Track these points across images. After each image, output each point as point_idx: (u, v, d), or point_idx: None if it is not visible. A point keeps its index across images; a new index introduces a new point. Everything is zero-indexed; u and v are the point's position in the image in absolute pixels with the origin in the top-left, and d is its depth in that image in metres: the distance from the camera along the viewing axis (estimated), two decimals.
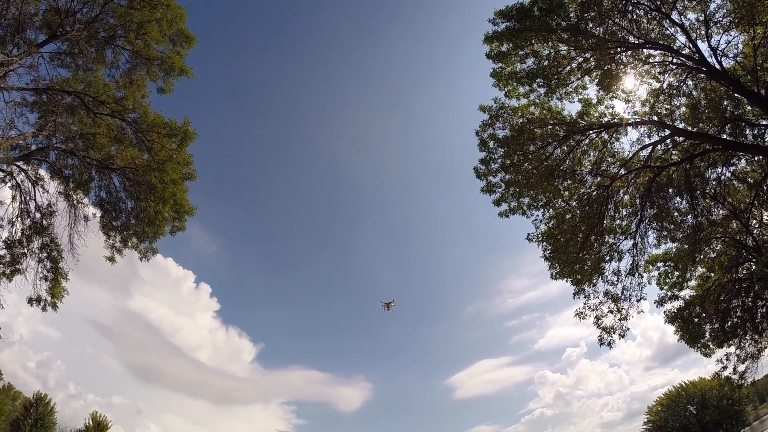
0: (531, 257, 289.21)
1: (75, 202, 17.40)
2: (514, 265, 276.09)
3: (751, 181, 19.92)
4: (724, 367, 23.33)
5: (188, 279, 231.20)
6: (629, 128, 16.57)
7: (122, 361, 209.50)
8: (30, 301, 16.59)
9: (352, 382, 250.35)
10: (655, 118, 16.48)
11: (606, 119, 16.39)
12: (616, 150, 17.09)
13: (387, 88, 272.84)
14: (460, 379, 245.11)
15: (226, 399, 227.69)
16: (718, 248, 21.90)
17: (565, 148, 16.22)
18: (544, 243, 17.46)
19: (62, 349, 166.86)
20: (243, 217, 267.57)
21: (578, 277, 17.31)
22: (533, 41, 14.95)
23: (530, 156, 16.04)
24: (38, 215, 17.19)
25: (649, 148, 16.56)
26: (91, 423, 55.00)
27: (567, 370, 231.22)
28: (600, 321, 17.72)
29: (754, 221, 21.89)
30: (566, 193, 17.07)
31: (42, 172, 17.26)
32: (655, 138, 16.49)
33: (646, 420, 75.03)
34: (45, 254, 17.66)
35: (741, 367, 23.71)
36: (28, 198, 16.93)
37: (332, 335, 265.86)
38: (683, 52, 15.86)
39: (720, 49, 15.28)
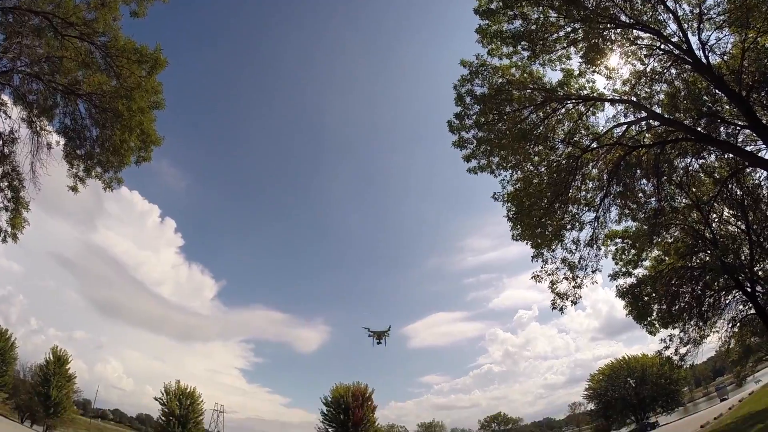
0: (495, 219, 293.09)
1: (38, 129, 16.64)
2: (478, 225, 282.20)
3: (718, 176, 20.57)
4: (667, 347, 24.62)
5: (153, 213, 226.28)
6: (606, 104, 16.74)
7: (85, 296, 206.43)
8: None
9: (312, 324, 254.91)
10: (633, 98, 16.64)
11: (585, 92, 16.45)
12: (591, 123, 17.29)
13: (371, 36, 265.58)
14: (415, 329, 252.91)
15: (186, 335, 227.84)
16: (676, 234, 22.82)
17: (540, 114, 16.27)
18: (509, 204, 17.66)
19: (24, 284, 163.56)
20: (214, 155, 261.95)
21: (538, 241, 17.70)
22: (524, 3, 14.67)
23: (505, 117, 16.03)
24: (0, 142, 16.41)
25: (624, 127, 16.81)
26: (51, 358, 54.77)
27: (517, 331, 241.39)
28: (555, 286, 18.25)
29: (714, 215, 22.81)
30: (536, 158, 17.23)
31: (5, 97, 16.39)
32: (631, 118, 16.71)
33: (587, 386, 79.19)
34: (6, 183, 17.01)
35: (682, 350, 25.10)
36: None
37: (294, 277, 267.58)
38: (672, 39, 15.90)
39: (709, 44, 15.40)
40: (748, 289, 22.43)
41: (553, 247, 18.02)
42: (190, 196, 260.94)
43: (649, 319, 22.65)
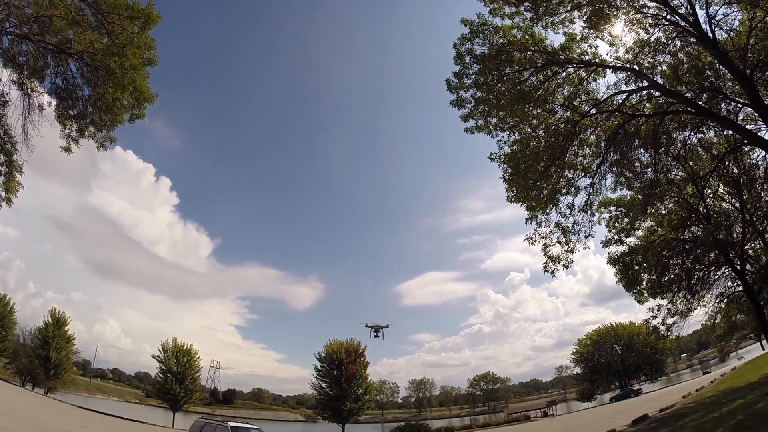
0: (490, 181, 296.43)
1: (29, 90, 16.34)
2: (472, 187, 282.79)
3: (715, 152, 20.52)
4: (654, 317, 24.97)
5: (148, 172, 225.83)
6: (608, 71, 16.53)
7: (82, 257, 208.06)
8: None
9: (306, 281, 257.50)
10: (636, 67, 16.44)
11: (587, 57, 16.21)
12: (591, 89, 17.07)
13: None
14: (408, 288, 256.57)
15: (183, 294, 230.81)
16: (670, 206, 22.94)
17: (540, 76, 16.09)
18: (505, 165, 17.68)
19: (21, 248, 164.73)
20: (210, 113, 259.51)
21: (533, 203, 17.75)
22: None
23: (505, 78, 15.87)
24: None
25: (624, 95, 16.66)
26: (50, 320, 55.41)
27: (509, 293, 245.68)
28: (548, 249, 18.41)
29: (709, 191, 22.87)
30: (534, 120, 17.13)
31: None
32: (632, 87, 16.56)
33: (574, 350, 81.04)
34: None
35: (669, 321, 25.28)
36: None
37: (289, 234, 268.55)
38: (679, 11, 15.64)
39: (716, 19, 15.16)
40: (738, 267, 22.71)
41: (548, 210, 18.08)
42: (184, 154, 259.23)
43: (638, 288, 22.98)
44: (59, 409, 37.93)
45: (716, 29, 15.22)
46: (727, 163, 20.42)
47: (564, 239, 18.11)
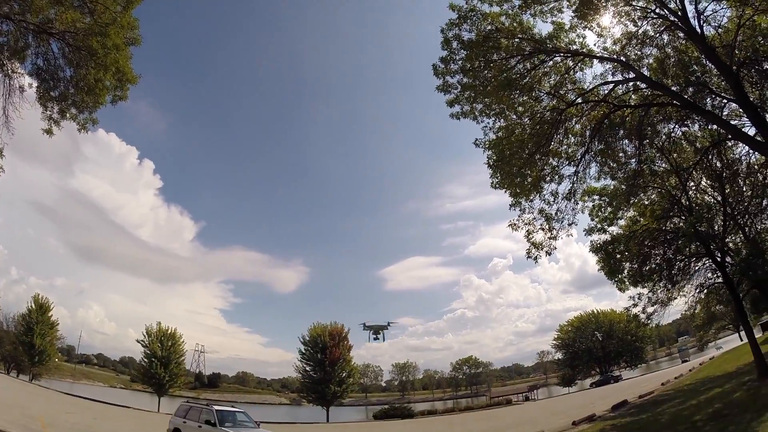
0: (474, 168, 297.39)
1: (10, 71, 15.90)
2: (457, 173, 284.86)
3: (699, 146, 20.78)
4: (635, 305, 25.13)
5: (131, 155, 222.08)
6: (595, 61, 16.68)
7: (65, 242, 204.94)
8: None
9: (290, 265, 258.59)
10: (623, 59, 16.58)
11: (574, 47, 16.27)
12: (577, 78, 17.19)
13: None
14: (391, 272, 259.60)
15: (167, 277, 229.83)
16: (652, 197, 23.25)
17: (527, 64, 16.13)
18: (490, 151, 17.77)
19: (3, 234, 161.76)
20: (194, 97, 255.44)
21: (517, 190, 17.87)
22: None
23: (492, 64, 15.90)
24: None
25: (610, 86, 16.81)
26: (33, 306, 54.72)
27: (491, 278, 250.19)
28: (531, 235, 18.58)
29: (692, 183, 23.25)
30: (520, 108, 17.19)
31: None
32: (619, 78, 16.70)
33: (556, 336, 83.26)
34: None
35: (650, 309, 25.48)
36: None
37: (274, 218, 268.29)
38: (669, 5, 15.77)
39: (705, 14, 15.32)
40: (718, 259, 23.03)
41: (532, 197, 18.21)
42: (168, 137, 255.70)
43: (619, 276, 23.20)
44: (44, 395, 37.70)
45: (704, 25, 15.37)
46: (710, 156, 20.70)
47: (547, 226, 18.28)
